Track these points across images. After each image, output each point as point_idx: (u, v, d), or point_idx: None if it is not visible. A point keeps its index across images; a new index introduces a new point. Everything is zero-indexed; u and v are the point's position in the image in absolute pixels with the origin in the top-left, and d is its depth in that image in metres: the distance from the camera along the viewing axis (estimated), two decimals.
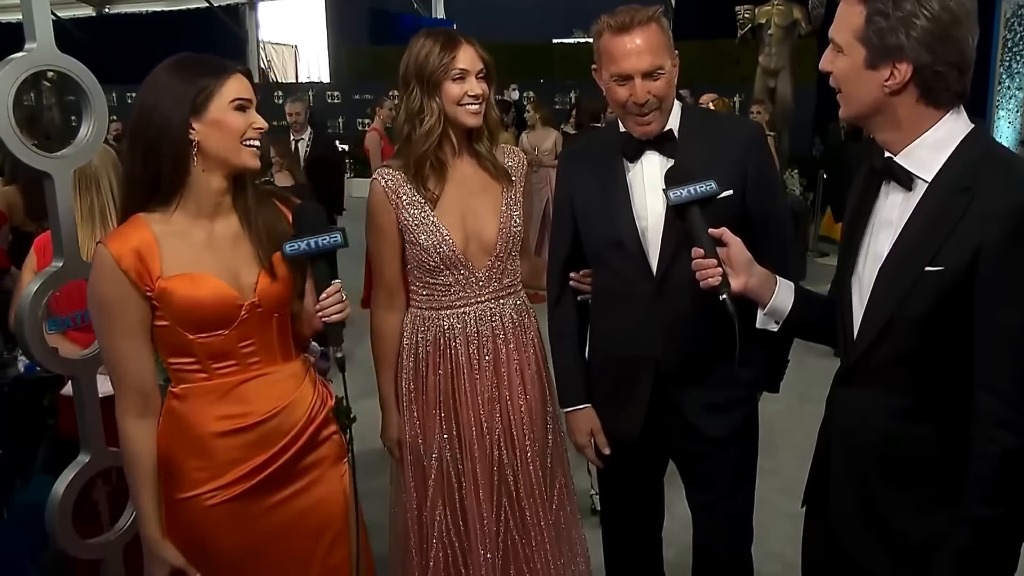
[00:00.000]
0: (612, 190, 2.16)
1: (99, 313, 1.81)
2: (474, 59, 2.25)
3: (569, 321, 2.35)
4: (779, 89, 9.57)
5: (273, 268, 1.89)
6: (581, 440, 2.34)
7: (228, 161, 1.81)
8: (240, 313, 1.84)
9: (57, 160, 2.15)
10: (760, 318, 1.84)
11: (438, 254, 2.29)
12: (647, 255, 2.14)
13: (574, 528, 2.53)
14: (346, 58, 18.34)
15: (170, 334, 1.81)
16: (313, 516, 1.96)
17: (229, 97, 1.78)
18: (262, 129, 1.84)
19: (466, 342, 2.35)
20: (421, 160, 2.28)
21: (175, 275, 1.78)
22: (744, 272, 1.79)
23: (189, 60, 1.82)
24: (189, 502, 1.84)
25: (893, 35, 1.49)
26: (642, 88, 2.03)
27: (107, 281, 1.77)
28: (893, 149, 1.60)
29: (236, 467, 1.86)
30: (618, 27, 2.02)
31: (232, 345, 1.85)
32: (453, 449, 2.36)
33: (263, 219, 1.91)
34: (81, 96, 2.17)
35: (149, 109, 1.77)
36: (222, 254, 1.85)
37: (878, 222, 1.66)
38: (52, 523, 2.23)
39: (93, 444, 2.28)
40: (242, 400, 1.87)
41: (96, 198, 2.89)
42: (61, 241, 2.19)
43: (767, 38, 9.55)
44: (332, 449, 2.01)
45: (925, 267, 1.52)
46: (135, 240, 1.77)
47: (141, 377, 1.82)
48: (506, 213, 2.36)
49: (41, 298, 2.16)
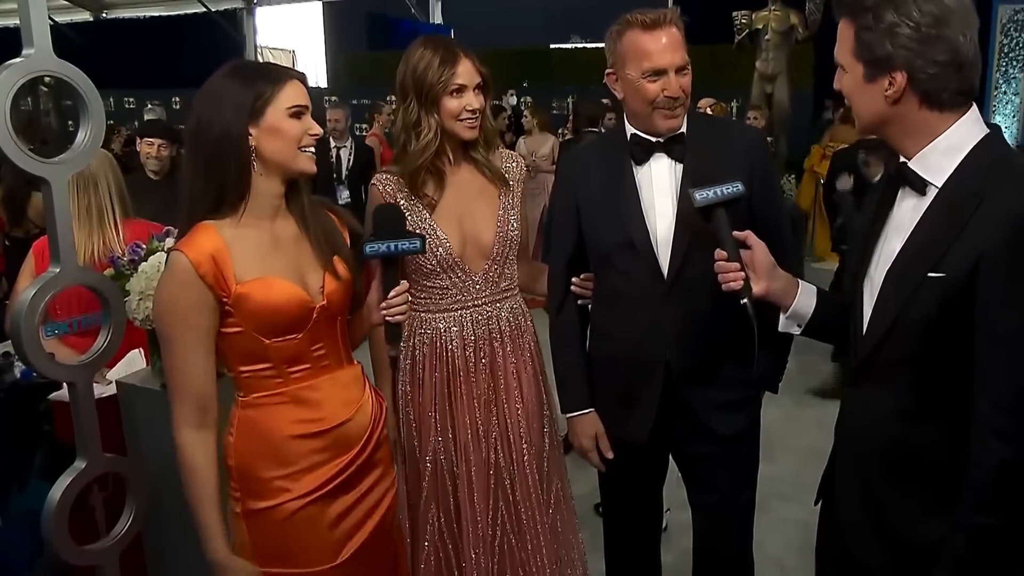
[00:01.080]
0: (621, 192, 2.18)
1: (172, 321, 1.77)
2: (472, 73, 2.26)
3: (573, 325, 2.36)
4: (776, 94, 9.58)
5: (335, 269, 1.90)
6: (586, 445, 2.34)
7: (286, 167, 1.82)
8: (313, 316, 1.84)
9: (54, 165, 2.15)
10: (782, 321, 1.85)
11: (435, 257, 2.29)
12: (657, 256, 2.15)
13: (571, 532, 2.54)
14: (344, 63, 18.36)
15: (244, 340, 1.80)
16: (382, 513, 1.99)
17: (286, 104, 1.78)
18: (318, 135, 1.85)
19: (462, 345, 2.35)
20: (417, 171, 2.29)
21: (251, 280, 1.78)
22: (767, 276, 1.80)
23: (246, 67, 1.84)
24: (272, 512, 1.83)
25: (881, 46, 1.55)
26: (677, 82, 2.08)
27: (184, 288, 1.74)
28: (907, 155, 1.63)
29: (314, 471, 1.86)
30: (652, 23, 2.07)
31: (305, 348, 1.85)
32: (448, 451, 2.36)
33: (319, 221, 1.92)
34: (79, 101, 2.17)
35: (208, 117, 1.76)
36: (288, 256, 1.86)
37: (892, 226, 1.68)
38: (48, 529, 2.22)
39: (89, 450, 2.27)
40: (315, 405, 1.87)
41: (93, 198, 2.90)
42: (59, 246, 2.19)
43: (764, 43, 9.56)
44: (388, 452, 2.06)
45: (928, 273, 1.53)
46: (210, 246, 1.75)
47: (205, 387, 1.80)
48: (503, 217, 2.36)
49: (38, 303, 2.16)
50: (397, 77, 2.31)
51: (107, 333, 2.28)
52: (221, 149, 1.76)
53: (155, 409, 2.46)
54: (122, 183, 3.04)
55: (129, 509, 2.36)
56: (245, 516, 1.85)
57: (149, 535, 2.65)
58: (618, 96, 2.20)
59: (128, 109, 14.74)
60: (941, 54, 1.53)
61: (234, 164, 1.77)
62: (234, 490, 1.87)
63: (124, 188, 3.04)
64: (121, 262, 2.68)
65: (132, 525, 2.36)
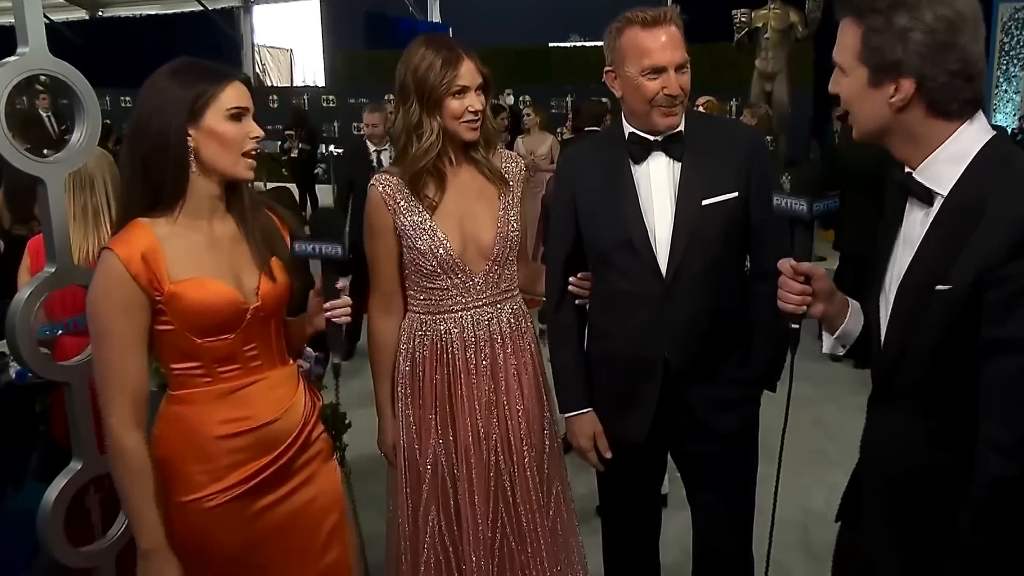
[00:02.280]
0: (619, 190, 2.18)
1: (104, 320, 1.78)
2: (474, 73, 2.25)
3: (571, 325, 2.36)
4: (776, 93, 9.60)
5: (272, 271, 1.91)
6: (584, 445, 2.34)
7: (225, 172, 1.83)
8: (247, 317, 1.85)
9: (50, 165, 2.15)
10: (829, 343, 1.82)
11: (435, 259, 2.29)
12: (656, 255, 2.16)
13: (571, 535, 2.53)
14: (341, 62, 18.34)
15: (176, 338, 1.81)
16: (308, 513, 1.98)
17: (226, 105, 1.79)
18: (259, 137, 1.85)
19: (463, 346, 2.35)
20: (419, 174, 2.28)
21: (185, 279, 1.78)
22: (826, 300, 1.76)
23: (188, 65, 1.82)
24: (190, 505, 1.84)
25: (891, 51, 1.47)
26: (676, 80, 2.09)
27: (115, 287, 1.75)
28: (911, 165, 1.57)
29: (237, 469, 1.86)
30: (652, 21, 2.08)
31: (237, 348, 1.86)
32: (449, 454, 2.36)
33: (258, 222, 1.93)
34: (74, 100, 2.17)
35: (148, 115, 1.77)
36: (223, 256, 1.86)
37: (903, 239, 1.63)
38: (44, 531, 2.22)
39: (85, 451, 2.27)
40: (244, 404, 1.88)
41: (90, 198, 2.89)
42: (54, 246, 2.19)
43: (764, 42, 9.57)
44: (322, 446, 2.05)
45: (936, 286, 1.48)
46: (141, 244, 1.76)
47: (141, 386, 1.81)
48: (503, 218, 2.36)
49: (33, 303, 2.16)
50: (397, 78, 2.29)
51: None
52: (159, 148, 1.76)
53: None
54: (119, 182, 3.03)
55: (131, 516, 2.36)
56: (166, 509, 1.86)
57: None
58: (616, 94, 2.20)
59: (124, 108, 14.71)
60: (953, 63, 1.47)
61: (172, 164, 1.78)
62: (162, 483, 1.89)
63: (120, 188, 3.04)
64: None
65: (128, 526, 2.35)
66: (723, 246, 2.18)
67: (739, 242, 2.22)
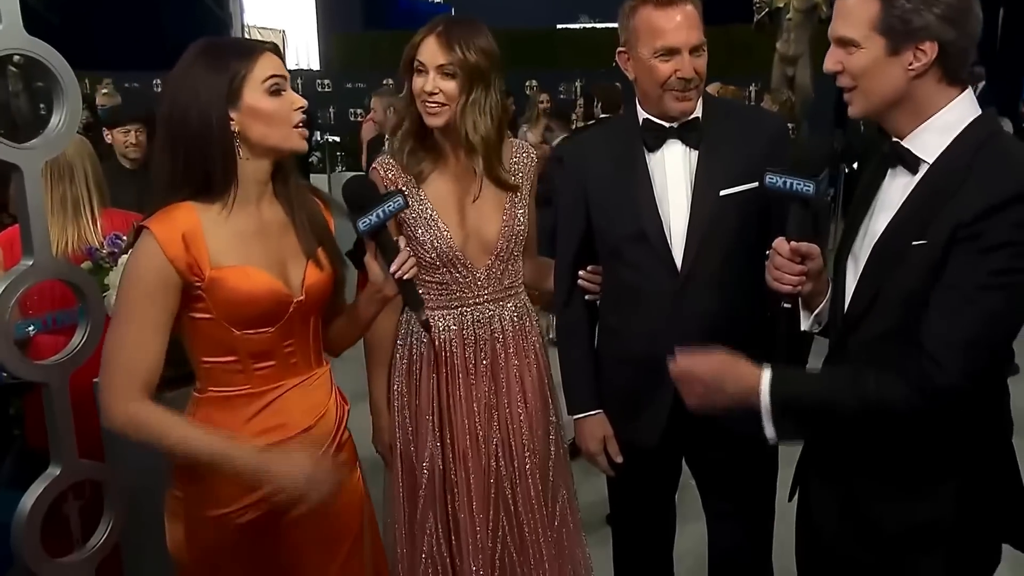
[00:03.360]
0: (632, 180, 2.18)
1: (131, 303, 1.76)
2: (435, 53, 2.20)
3: (580, 321, 2.36)
4: (798, 78, 9.56)
5: (319, 260, 1.90)
6: (593, 448, 2.34)
7: (278, 148, 1.82)
8: (289, 310, 1.84)
9: (26, 151, 2.14)
10: (807, 321, 1.88)
11: (435, 250, 2.29)
12: (671, 249, 2.15)
13: (577, 546, 2.53)
14: (337, 44, 18.37)
15: (212, 328, 1.79)
16: (333, 524, 1.97)
17: (261, 78, 1.77)
18: (304, 107, 1.84)
19: (462, 345, 2.35)
20: (403, 143, 2.31)
21: (228, 266, 1.77)
22: (816, 280, 1.82)
23: (213, 47, 1.80)
24: (220, 519, 1.83)
25: (917, 15, 1.56)
26: (690, 63, 2.09)
27: (149, 270, 1.73)
28: (901, 134, 1.66)
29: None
30: (667, 0, 2.07)
31: (276, 344, 1.84)
32: (445, 459, 2.36)
33: (305, 208, 1.92)
34: (52, 82, 2.16)
35: (184, 107, 1.75)
36: (270, 244, 1.85)
37: (879, 204, 1.73)
38: (19, 541, 2.21)
39: (64, 455, 2.27)
40: (280, 411, 1.86)
41: (69, 188, 2.89)
42: (31, 238, 2.18)
43: (785, 23, 9.55)
44: (348, 455, 2.04)
45: (912, 242, 1.58)
46: (182, 224, 1.74)
47: (154, 372, 1.78)
48: (510, 211, 2.36)
49: (8, 299, 2.15)
50: None
51: (84, 330, 2.27)
52: (202, 141, 1.75)
53: None
54: (100, 171, 3.03)
55: (107, 519, 2.36)
56: (192, 523, 1.85)
57: (128, 547, 2.65)
58: (629, 76, 2.19)
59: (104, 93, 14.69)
60: (972, 27, 1.57)
61: (219, 154, 1.76)
62: (176, 490, 1.87)
63: (102, 176, 3.04)
64: (100, 254, 2.68)
65: (110, 536, 2.35)
66: (742, 240, 2.17)
67: (759, 236, 2.20)
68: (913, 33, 1.56)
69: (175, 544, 1.89)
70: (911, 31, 1.56)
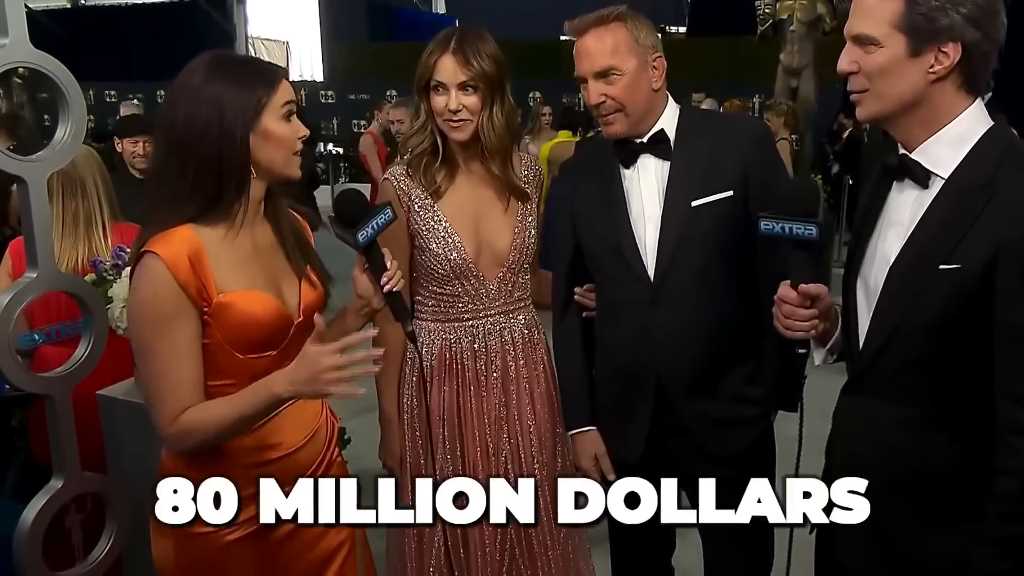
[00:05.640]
0: (609, 196, 2.20)
1: (147, 334, 1.72)
2: (454, 71, 2.21)
3: (575, 335, 2.36)
4: (802, 89, 9.54)
5: (311, 279, 1.90)
6: (585, 465, 2.33)
7: (280, 173, 1.80)
8: (290, 332, 1.82)
9: (32, 164, 2.15)
10: (821, 355, 1.83)
11: (448, 262, 2.29)
12: (644, 260, 2.15)
13: (582, 559, 2.52)
14: (341, 55, 18.39)
15: (214, 352, 1.76)
16: (325, 541, 1.95)
17: (279, 103, 1.76)
18: (306, 136, 1.83)
19: (474, 357, 2.35)
20: (419, 156, 2.30)
21: (234, 290, 1.74)
22: (826, 319, 1.75)
23: (234, 63, 1.79)
24: (208, 537, 1.80)
25: (943, 14, 1.49)
26: (595, 90, 2.13)
27: (160, 295, 1.69)
28: (911, 145, 1.60)
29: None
30: (574, 30, 2.19)
31: (276, 366, 1.79)
32: (456, 471, 2.35)
33: (290, 226, 1.91)
34: (57, 95, 2.17)
35: (204, 122, 1.70)
36: (266, 265, 1.84)
37: (886, 222, 1.66)
38: (20, 554, 2.21)
39: (67, 468, 2.27)
40: (275, 429, 1.85)
41: (82, 204, 2.88)
42: (36, 250, 2.18)
43: (789, 34, 9.53)
44: (340, 471, 2.02)
45: (939, 266, 1.51)
46: (185, 246, 1.71)
47: (196, 390, 1.74)
48: (521, 224, 2.37)
49: (12, 310, 2.15)
50: None
51: (88, 342, 2.27)
52: (220, 157, 1.71)
53: (139, 424, 2.45)
54: (109, 184, 3.02)
55: (109, 532, 2.36)
56: (180, 539, 1.81)
57: (130, 560, 2.64)
58: None
59: (109, 103, 14.75)
60: (996, 31, 1.51)
61: (233, 171, 1.73)
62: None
63: (112, 190, 3.03)
64: (103, 266, 2.68)
65: (112, 549, 2.35)
66: (717, 250, 2.14)
67: (738, 245, 2.17)
68: (937, 33, 1.49)
69: (162, 561, 1.86)
70: (935, 31, 1.49)
